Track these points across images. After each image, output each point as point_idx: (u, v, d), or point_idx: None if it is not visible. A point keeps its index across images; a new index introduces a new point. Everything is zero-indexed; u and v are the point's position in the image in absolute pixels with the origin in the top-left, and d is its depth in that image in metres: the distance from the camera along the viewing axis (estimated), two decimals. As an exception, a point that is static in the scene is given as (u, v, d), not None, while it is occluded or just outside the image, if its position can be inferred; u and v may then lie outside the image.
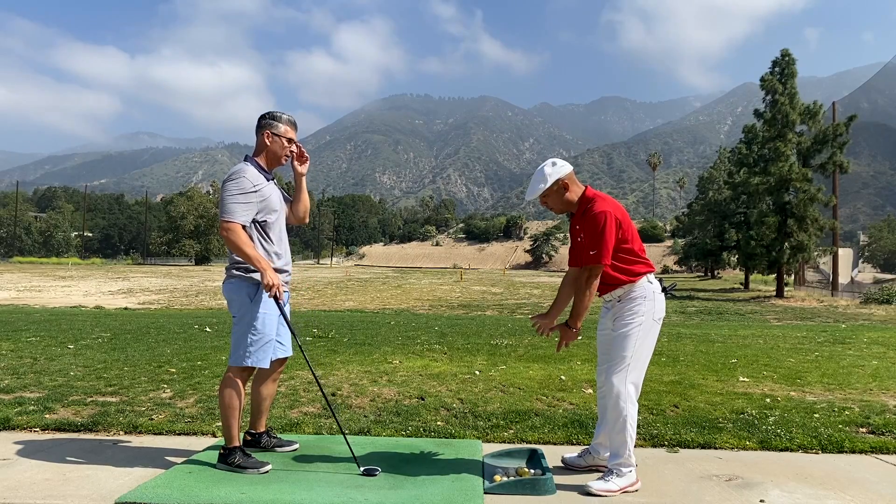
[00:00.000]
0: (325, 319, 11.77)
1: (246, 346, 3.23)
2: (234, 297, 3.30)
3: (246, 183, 3.23)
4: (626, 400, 3.12)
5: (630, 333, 3.15)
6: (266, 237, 3.33)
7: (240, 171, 3.27)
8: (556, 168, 3.20)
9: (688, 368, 6.28)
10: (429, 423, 4.14)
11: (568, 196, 3.22)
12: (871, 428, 4.15)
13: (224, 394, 3.23)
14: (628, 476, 3.08)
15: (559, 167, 3.21)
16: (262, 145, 3.39)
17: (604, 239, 3.05)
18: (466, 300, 21.68)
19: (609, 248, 3.07)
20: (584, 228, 3.17)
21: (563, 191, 3.21)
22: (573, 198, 3.23)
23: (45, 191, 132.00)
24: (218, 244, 78.27)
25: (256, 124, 3.43)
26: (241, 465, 3.16)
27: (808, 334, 10.29)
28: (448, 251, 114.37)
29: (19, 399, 4.56)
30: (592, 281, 3.11)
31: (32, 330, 8.78)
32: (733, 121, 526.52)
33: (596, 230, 3.08)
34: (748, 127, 28.56)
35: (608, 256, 3.08)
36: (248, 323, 3.24)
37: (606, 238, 3.05)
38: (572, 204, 3.24)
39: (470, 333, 9.29)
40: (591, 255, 3.09)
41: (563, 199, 3.22)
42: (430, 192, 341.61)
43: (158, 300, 19.37)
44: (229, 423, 3.23)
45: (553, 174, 3.18)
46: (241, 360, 3.23)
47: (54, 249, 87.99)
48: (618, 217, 3.11)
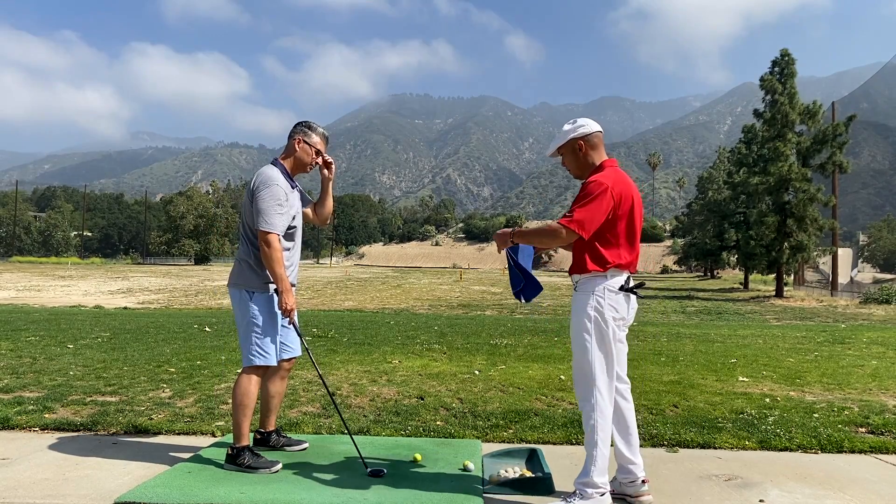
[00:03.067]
0: (325, 319, 11.77)
1: (250, 346, 3.26)
2: (237, 298, 3.34)
3: (280, 192, 3.26)
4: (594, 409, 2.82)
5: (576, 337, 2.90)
6: (283, 248, 3.36)
7: (272, 178, 3.28)
8: (574, 126, 2.97)
9: (687, 368, 6.28)
10: (428, 422, 4.14)
11: (582, 158, 2.96)
12: (871, 428, 4.15)
13: (237, 392, 3.24)
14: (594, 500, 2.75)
15: (578, 125, 2.97)
16: (292, 150, 3.44)
17: (587, 207, 2.77)
18: (466, 300, 21.68)
19: (592, 220, 2.78)
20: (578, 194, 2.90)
21: (577, 151, 2.96)
22: (588, 162, 2.96)
23: (44, 190, 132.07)
24: (217, 244, 78.33)
25: (292, 129, 3.51)
26: (251, 466, 3.15)
27: (808, 334, 10.30)
28: (448, 251, 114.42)
29: (19, 399, 4.56)
30: (558, 237, 2.83)
31: (32, 329, 8.78)
32: (733, 121, 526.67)
33: (584, 197, 2.81)
34: (748, 127, 28.59)
35: (589, 229, 2.78)
36: (250, 322, 3.28)
37: (592, 208, 2.77)
38: (586, 169, 2.97)
39: (469, 333, 9.29)
40: (565, 216, 2.83)
41: (578, 160, 2.97)
42: (429, 192, 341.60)
43: (158, 300, 19.37)
44: (239, 422, 3.23)
45: (569, 132, 2.96)
46: (250, 359, 3.27)
47: (54, 249, 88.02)
48: (615, 195, 2.81)
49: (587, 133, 2.95)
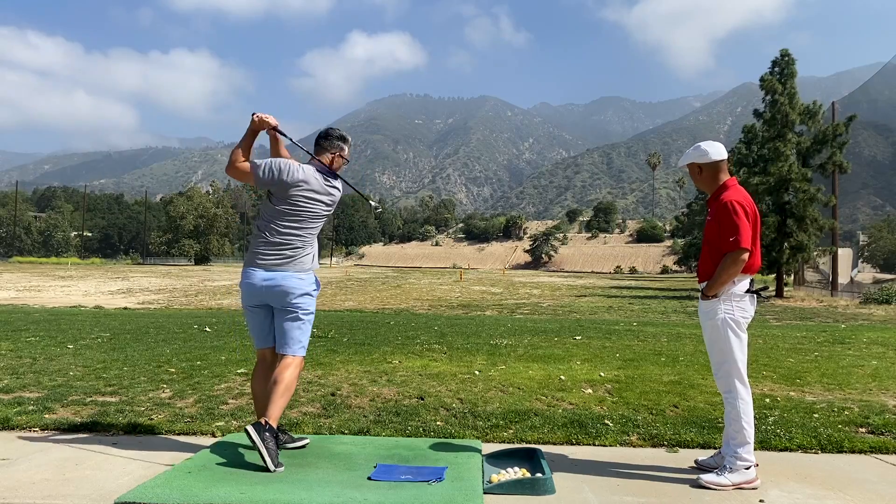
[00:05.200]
0: (325, 319, 11.76)
1: (306, 339, 3.50)
2: (303, 291, 3.48)
3: (282, 164, 3.50)
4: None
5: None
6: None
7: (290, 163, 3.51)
8: (714, 149, 3.39)
9: (687, 368, 6.28)
10: (428, 423, 4.14)
11: (712, 178, 3.41)
12: (871, 428, 4.15)
13: (289, 379, 3.36)
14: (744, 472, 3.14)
15: (717, 149, 3.39)
16: (329, 163, 3.58)
17: (740, 224, 3.22)
18: (466, 300, 21.67)
19: (748, 234, 3.21)
20: (716, 216, 3.31)
21: (716, 172, 3.41)
22: (717, 181, 3.41)
23: (44, 190, 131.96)
24: (217, 244, 78.25)
25: (324, 139, 3.60)
26: (269, 448, 3.14)
27: (808, 334, 10.29)
28: (448, 251, 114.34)
29: (19, 399, 4.56)
30: (742, 263, 3.22)
31: (32, 330, 8.78)
32: (733, 121, 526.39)
33: (730, 218, 3.22)
34: (748, 127, 28.56)
35: (748, 241, 3.20)
36: (310, 317, 3.52)
37: (742, 225, 3.21)
38: (715, 186, 3.41)
39: (469, 333, 9.28)
40: (730, 241, 3.22)
41: (712, 178, 3.41)
42: (429, 192, 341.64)
43: (158, 300, 19.36)
44: (282, 406, 3.34)
45: (712, 153, 3.37)
46: (303, 350, 3.49)
47: (54, 249, 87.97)
48: (747, 208, 3.27)
49: (720, 158, 3.38)
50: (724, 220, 3.22)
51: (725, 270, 3.21)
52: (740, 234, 3.17)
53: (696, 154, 3.41)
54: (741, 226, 3.18)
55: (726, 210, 3.21)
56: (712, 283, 3.26)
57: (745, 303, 3.28)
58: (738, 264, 3.20)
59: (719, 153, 3.37)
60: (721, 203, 3.26)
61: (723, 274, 3.22)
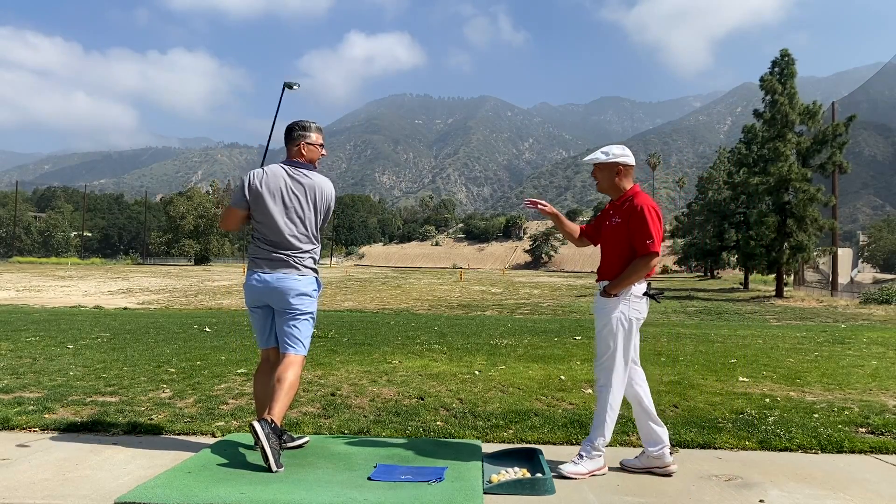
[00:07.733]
0: (325, 319, 11.76)
1: (307, 338, 3.53)
2: (300, 291, 3.50)
3: (251, 179, 3.58)
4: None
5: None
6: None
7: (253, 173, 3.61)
8: (621, 151, 3.45)
9: (687, 368, 6.28)
10: (428, 423, 4.14)
11: (617, 182, 3.45)
12: (871, 428, 4.15)
13: (293, 378, 3.39)
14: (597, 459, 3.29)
15: (624, 154, 3.44)
16: (298, 155, 3.57)
17: (655, 229, 3.31)
18: (466, 300, 21.67)
19: (660, 239, 3.33)
20: (627, 219, 3.37)
21: (615, 175, 3.45)
22: (621, 186, 3.46)
23: (44, 191, 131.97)
24: (217, 244, 78.25)
25: (286, 135, 3.59)
26: (272, 446, 3.14)
27: (808, 334, 10.30)
28: (448, 251, 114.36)
29: (18, 399, 4.56)
30: (651, 266, 3.31)
31: (32, 330, 8.78)
32: (733, 121, 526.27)
33: (646, 223, 3.31)
34: (748, 127, 28.57)
35: (660, 246, 3.31)
36: (309, 317, 3.54)
37: (656, 228, 3.32)
38: (618, 191, 3.47)
39: (469, 333, 9.29)
40: (647, 242, 3.29)
41: (613, 181, 3.45)
42: (429, 192, 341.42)
43: (158, 300, 19.36)
44: (287, 404, 3.36)
45: (618, 156, 3.43)
46: (304, 349, 3.52)
47: (54, 249, 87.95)
48: (659, 215, 3.38)
49: (629, 163, 3.44)
50: (640, 225, 3.29)
51: (637, 272, 3.30)
52: (656, 239, 3.28)
53: (607, 156, 3.45)
54: (656, 231, 3.29)
55: (643, 215, 3.29)
56: (617, 283, 3.32)
57: (642, 304, 3.38)
58: (649, 267, 3.30)
59: (631, 158, 3.45)
60: (636, 207, 3.32)
61: (633, 275, 3.30)
